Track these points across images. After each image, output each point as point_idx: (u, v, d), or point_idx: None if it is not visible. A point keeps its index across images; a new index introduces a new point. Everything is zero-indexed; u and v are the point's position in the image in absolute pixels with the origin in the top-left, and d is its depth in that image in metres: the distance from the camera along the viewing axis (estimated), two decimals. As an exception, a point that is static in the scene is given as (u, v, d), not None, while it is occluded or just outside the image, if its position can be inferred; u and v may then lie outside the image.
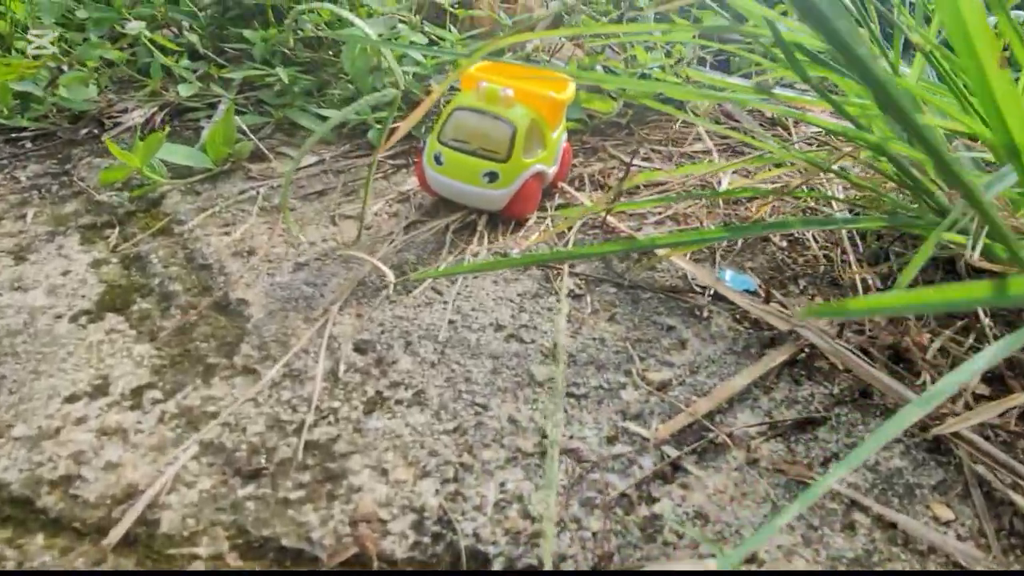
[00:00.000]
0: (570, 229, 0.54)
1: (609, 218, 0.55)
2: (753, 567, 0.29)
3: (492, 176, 0.52)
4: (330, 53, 0.81)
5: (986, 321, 0.43)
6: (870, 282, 0.49)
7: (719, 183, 0.63)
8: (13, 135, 0.71)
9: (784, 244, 0.54)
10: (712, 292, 0.47)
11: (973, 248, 0.34)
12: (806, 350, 0.42)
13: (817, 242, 0.54)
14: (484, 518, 0.31)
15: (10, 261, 0.50)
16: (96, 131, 0.74)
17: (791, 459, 0.34)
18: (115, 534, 0.30)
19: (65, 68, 0.65)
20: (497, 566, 0.29)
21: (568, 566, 0.29)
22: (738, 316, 0.46)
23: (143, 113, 0.76)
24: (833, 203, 0.57)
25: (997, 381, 0.39)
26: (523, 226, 0.55)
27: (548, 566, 0.28)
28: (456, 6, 0.80)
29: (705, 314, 0.46)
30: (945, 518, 0.32)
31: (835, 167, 0.47)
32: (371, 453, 0.34)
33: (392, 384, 0.39)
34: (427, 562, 0.29)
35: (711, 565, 0.28)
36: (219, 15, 0.85)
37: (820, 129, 0.80)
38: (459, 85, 0.57)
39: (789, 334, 0.43)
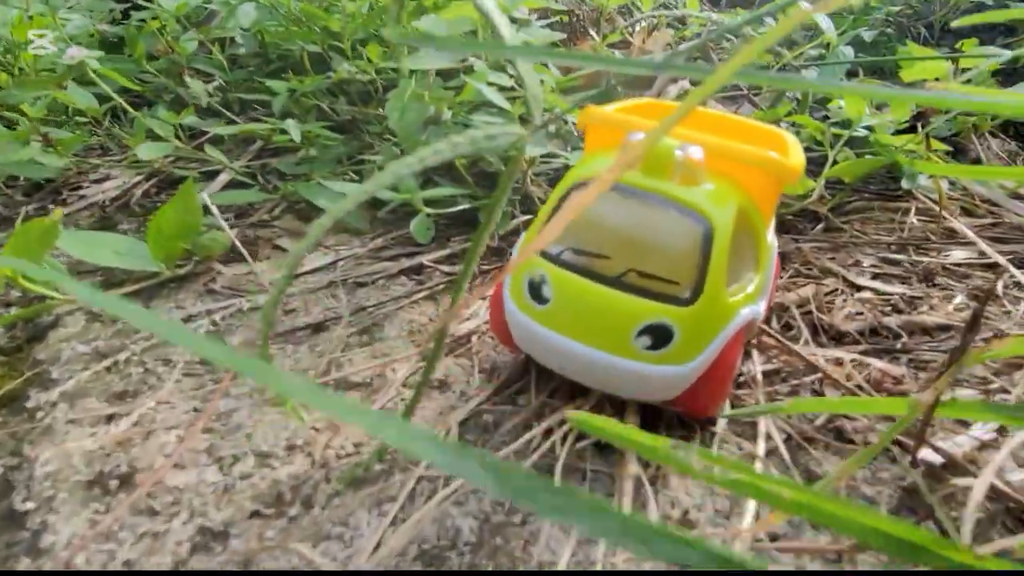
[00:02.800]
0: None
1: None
2: None
3: (659, 335, 0.22)
4: (381, 110, 0.57)
5: None
6: None
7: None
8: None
9: None
10: None
11: None
12: None
13: None
14: None
15: None
16: (50, 206, 0.53)
17: None
18: None
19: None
20: None
21: None
22: None
23: (120, 184, 0.55)
24: None
25: None
26: (713, 432, 0.25)
27: None
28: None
29: None
30: None
31: None
32: None
33: None
34: None
35: None
36: (259, 68, 0.65)
37: None
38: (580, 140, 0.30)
39: None
